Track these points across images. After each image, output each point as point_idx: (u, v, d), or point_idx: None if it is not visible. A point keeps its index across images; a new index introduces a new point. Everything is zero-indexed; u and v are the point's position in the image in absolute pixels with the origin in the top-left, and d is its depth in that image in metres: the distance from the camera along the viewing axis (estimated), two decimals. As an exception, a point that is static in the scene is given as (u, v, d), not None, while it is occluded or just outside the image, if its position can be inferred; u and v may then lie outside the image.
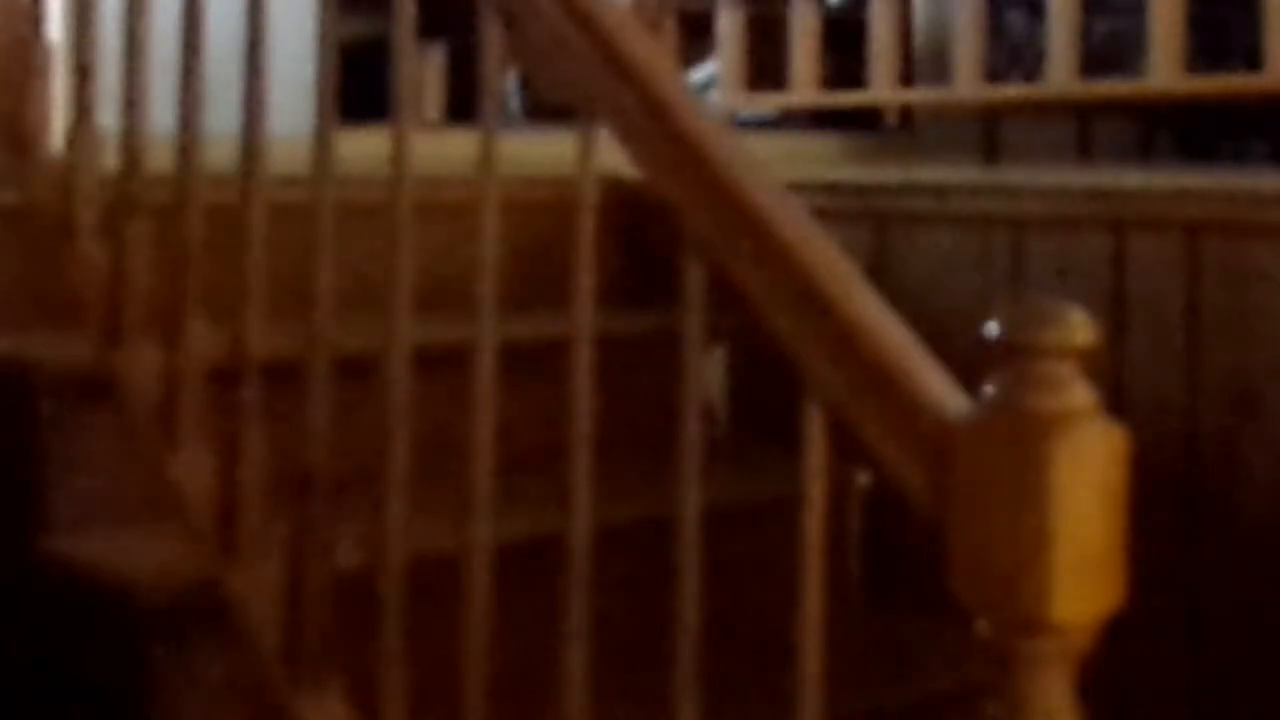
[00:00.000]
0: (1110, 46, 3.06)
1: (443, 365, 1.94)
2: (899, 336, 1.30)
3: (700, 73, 3.77)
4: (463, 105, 3.40)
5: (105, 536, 1.88)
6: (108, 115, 2.00)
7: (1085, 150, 3.18)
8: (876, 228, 2.60)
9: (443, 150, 2.12)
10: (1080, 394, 1.17)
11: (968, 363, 1.31)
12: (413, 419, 1.65)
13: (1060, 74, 2.76)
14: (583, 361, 1.49)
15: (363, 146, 1.93)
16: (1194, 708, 2.23)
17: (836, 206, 2.57)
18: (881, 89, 3.03)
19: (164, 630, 1.77)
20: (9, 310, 2.01)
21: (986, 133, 3.18)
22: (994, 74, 3.03)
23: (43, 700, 1.90)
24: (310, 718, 1.68)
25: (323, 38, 1.74)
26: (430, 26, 1.82)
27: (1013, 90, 3.00)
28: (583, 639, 1.48)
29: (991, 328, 1.19)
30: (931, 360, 1.28)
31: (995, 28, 3.10)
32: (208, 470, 1.83)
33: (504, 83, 3.90)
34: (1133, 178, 2.43)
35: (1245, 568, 2.19)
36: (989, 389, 1.19)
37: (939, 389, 1.25)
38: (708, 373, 2.57)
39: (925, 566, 1.24)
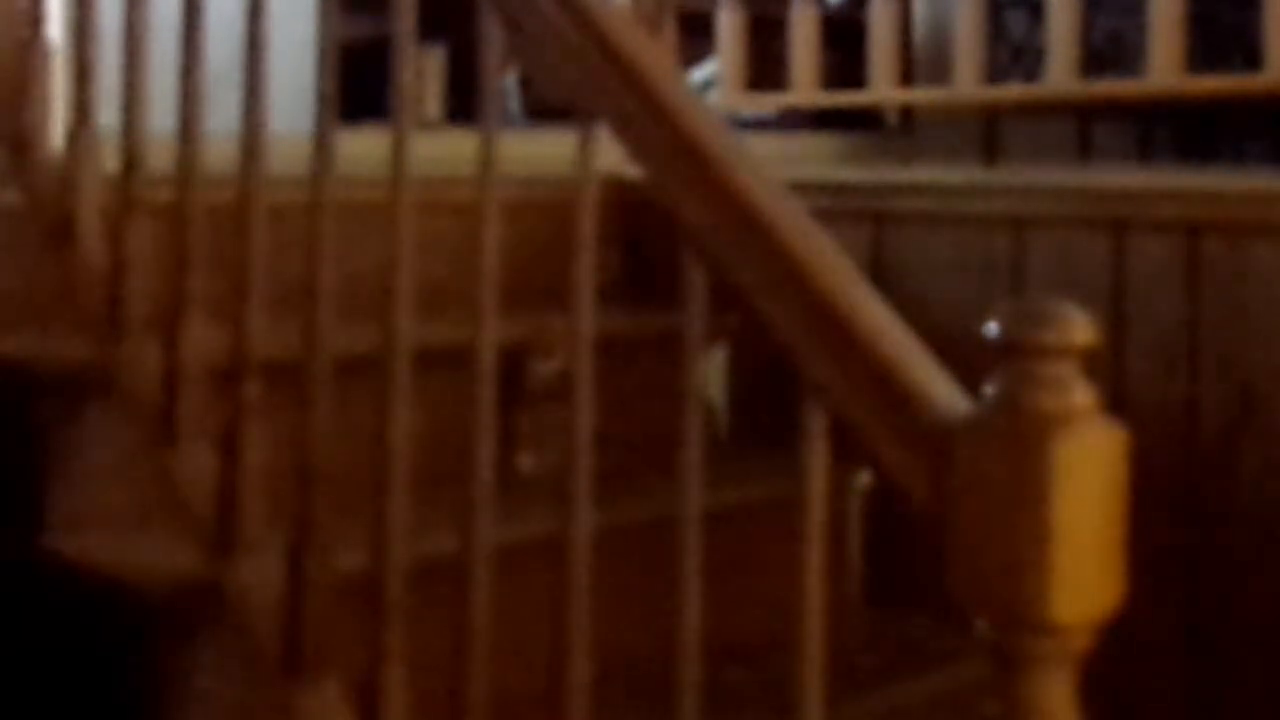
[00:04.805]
0: (1110, 46, 3.06)
1: (443, 365, 1.94)
2: (899, 336, 1.30)
3: (700, 73, 3.77)
4: (463, 105, 3.40)
5: (105, 535, 1.88)
6: (108, 115, 2.00)
7: (1085, 150, 3.18)
8: (876, 228, 2.60)
9: (443, 150, 2.12)
10: (1080, 394, 1.17)
11: (968, 363, 1.31)
12: (413, 418, 1.65)
13: (1060, 74, 2.76)
14: (583, 361, 1.49)
15: (363, 146, 1.93)
16: (1194, 708, 2.23)
17: (836, 206, 2.57)
18: (881, 89, 3.03)
19: (164, 628, 1.77)
20: (9, 310, 2.01)
21: (986, 133, 3.18)
22: (994, 74, 3.03)
23: (44, 699, 1.90)
24: (310, 715, 1.68)
25: (323, 38, 1.74)
26: (430, 26, 1.82)
27: (1013, 90, 3.00)
28: (584, 639, 1.48)
29: (991, 328, 1.19)
30: (932, 360, 1.28)
31: (995, 28, 3.10)
32: (208, 469, 1.83)
33: (504, 83, 3.90)
34: (1133, 178, 2.44)
35: (1245, 568, 2.19)
36: (989, 389, 1.19)
37: (939, 389, 1.25)
38: (707, 373, 2.57)
39: (925, 566, 1.24)
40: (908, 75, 3.16)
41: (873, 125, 3.41)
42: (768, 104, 3.37)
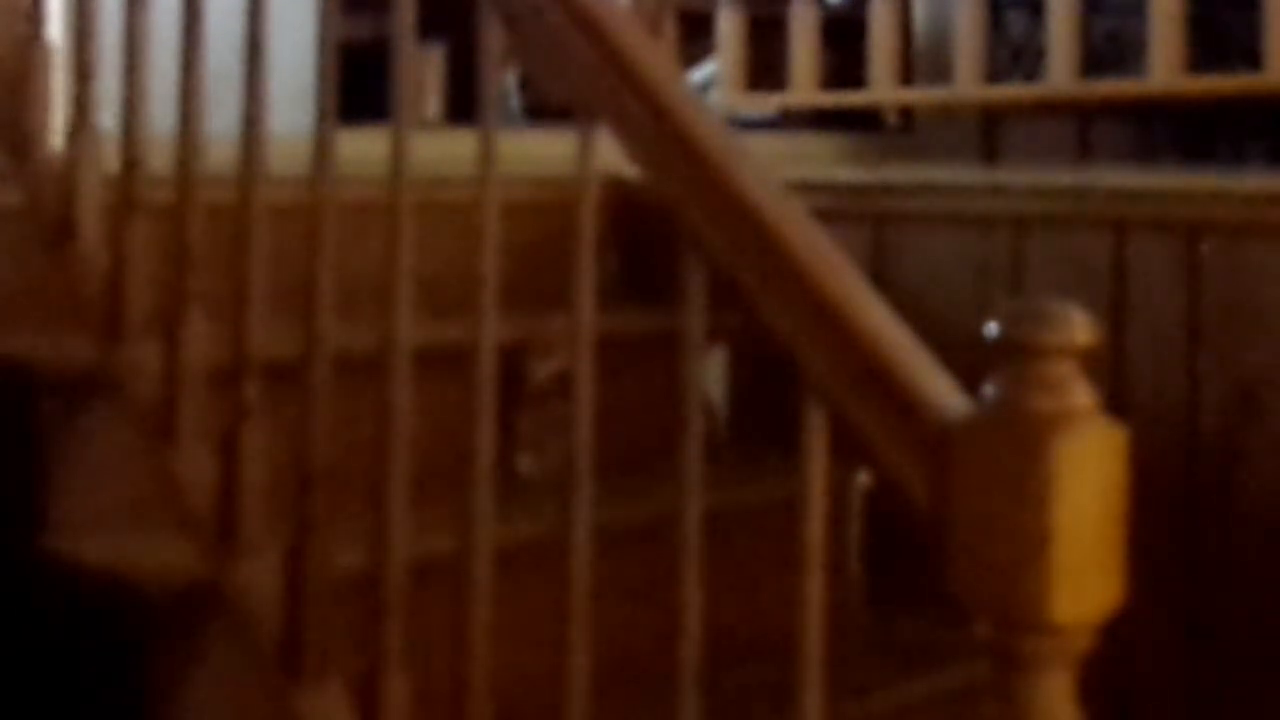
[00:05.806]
0: (1110, 46, 3.06)
1: (442, 365, 1.94)
2: (899, 336, 1.30)
3: (700, 73, 3.77)
4: (463, 105, 3.40)
5: (106, 536, 1.88)
6: (108, 115, 2.00)
7: (1085, 150, 3.18)
8: (876, 228, 2.60)
9: (443, 150, 2.12)
10: (1080, 394, 1.17)
11: (968, 363, 1.31)
12: (413, 418, 1.65)
13: (1060, 74, 2.76)
14: (583, 361, 1.49)
15: (363, 146, 1.93)
16: (1194, 708, 2.23)
17: (836, 206, 2.56)
18: (881, 89, 3.03)
19: (164, 628, 1.77)
20: (9, 310, 2.01)
21: (986, 133, 3.18)
22: (994, 74, 3.03)
23: (44, 700, 1.90)
24: (310, 715, 1.68)
25: (323, 38, 1.74)
26: (430, 26, 1.82)
27: (1013, 90, 3.00)
28: (584, 640, 1.48)
29: (991, 328, 1.19)
30: (931, 360, 1.28)
31: (995, 28, 3.10)
32: (208, 469, 1.83)
33: (504, 83, 3.90)
34: (1133, 178, 2.44)
35: (1245, 568, 2.19)
36: (989, 389, 1.19)
37: (939, 389, 1.25)
38: (707, 373, 2.56)
39: (925, 566, 1.24)
40: (908, 75, 3.16)
41: (873, 125, 3.41)
42: (768, 104, 3.37)
